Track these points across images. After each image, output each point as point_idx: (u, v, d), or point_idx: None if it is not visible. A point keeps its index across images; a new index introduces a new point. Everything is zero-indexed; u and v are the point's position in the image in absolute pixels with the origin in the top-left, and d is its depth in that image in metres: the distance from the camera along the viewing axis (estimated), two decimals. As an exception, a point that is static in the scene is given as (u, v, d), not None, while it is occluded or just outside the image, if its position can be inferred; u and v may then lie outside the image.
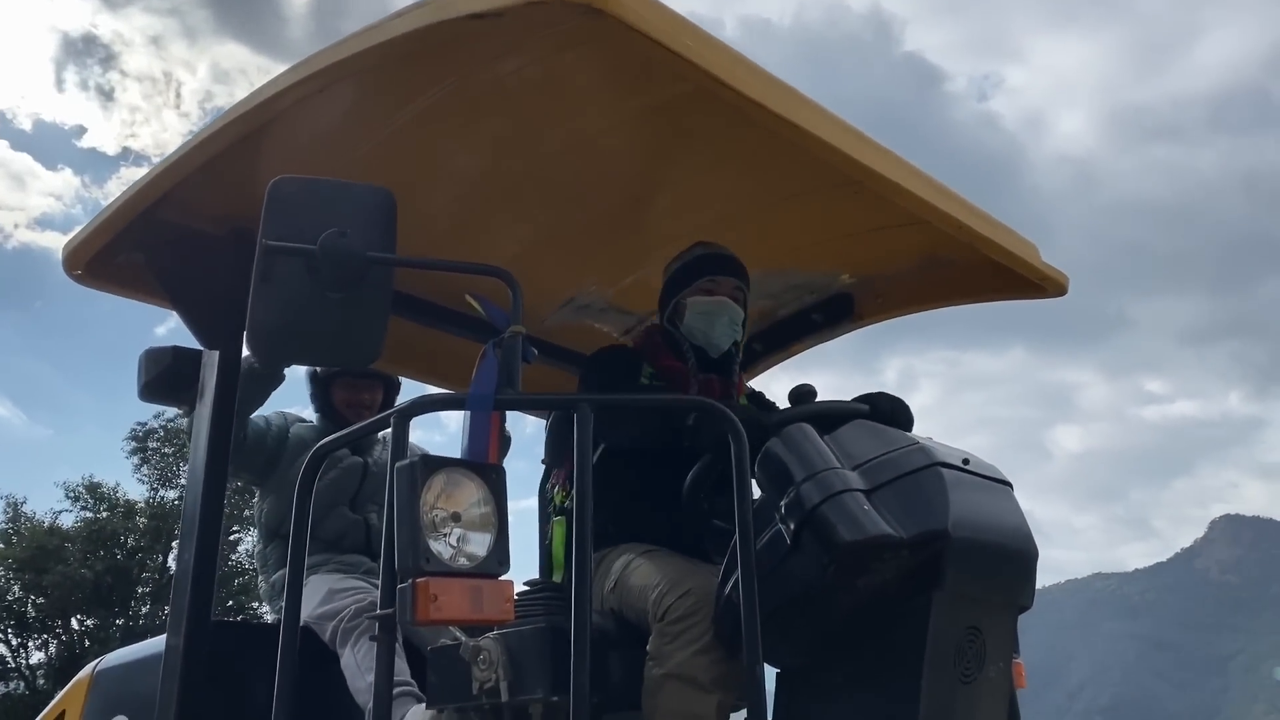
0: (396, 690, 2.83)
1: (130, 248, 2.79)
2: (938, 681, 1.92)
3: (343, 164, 2.74)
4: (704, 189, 3.13)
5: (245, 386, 2.98)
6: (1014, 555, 2.06)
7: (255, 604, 22.88)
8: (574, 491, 1.89)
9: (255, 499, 3.59)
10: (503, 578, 1.82)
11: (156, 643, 3.10)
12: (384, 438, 3.59)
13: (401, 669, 2.87)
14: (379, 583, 3.18)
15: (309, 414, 3.65)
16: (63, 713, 3.29)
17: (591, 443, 1.93)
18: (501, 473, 1.86)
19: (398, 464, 1.80)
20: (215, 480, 2.71)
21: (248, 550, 23.85)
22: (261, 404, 3.31)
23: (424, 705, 2.58)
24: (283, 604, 3.23)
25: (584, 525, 1.88)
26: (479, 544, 1.79)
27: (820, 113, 2.37)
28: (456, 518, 1.78)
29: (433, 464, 1.79)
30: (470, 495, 1.80)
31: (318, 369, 3.51)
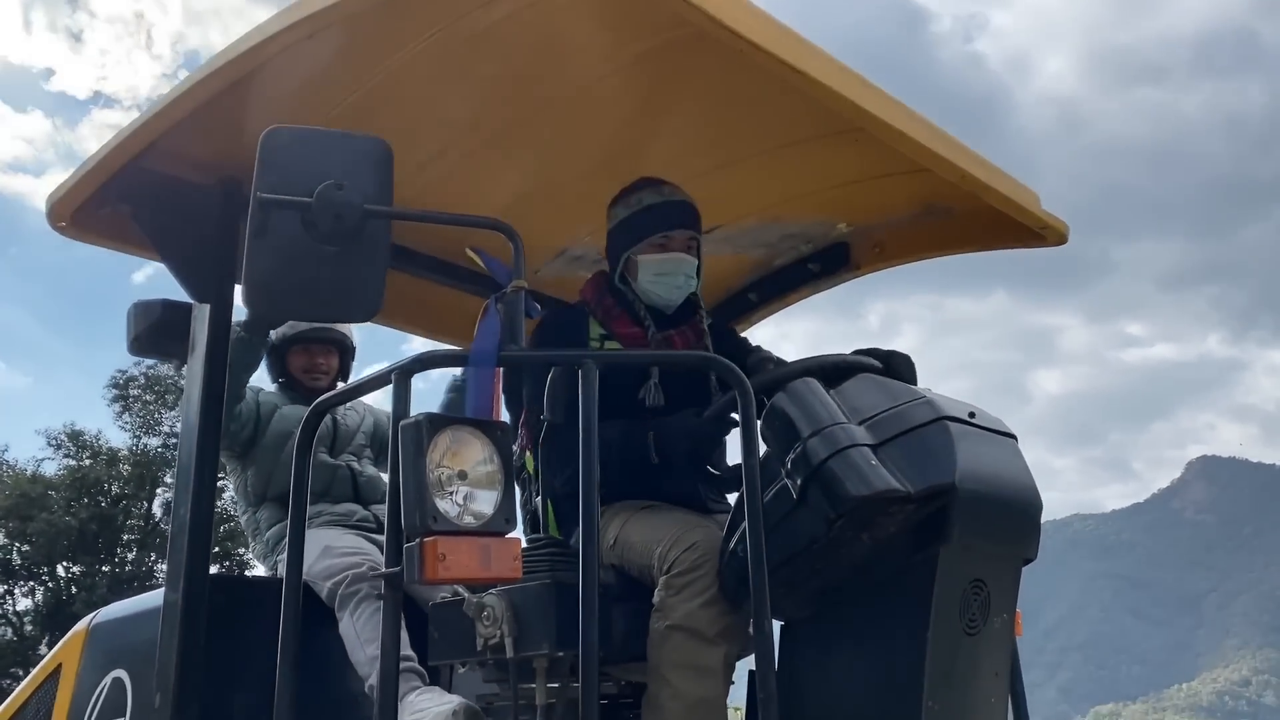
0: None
1: (116, 199, 2.72)
2: (943, 633, 1.93)
3: (332, 112, 2.69)
4: (700, 138, 3.08)
5: (237, 351, 2.95)
6: (1019, 508, 2.06)
7: (242, 550, 22.98)
8: (580, 450, 1.87)
9: (231, 471, 3.58)
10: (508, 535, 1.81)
11: (152, 597, 3.09)
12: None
13: (403, 640, 2.87)
14: (376, 538, 3.23)
15: (265, 384, 3.70)
16: (59, 666, 3.29)
17: (596, 398, 1.91)
18: (507, 430, 1.85)
19: (402, 422, 1.78)
20: (209, 434, 2.67)
21: (232, 497, 23.92)
22: (256, 368, 3.29)
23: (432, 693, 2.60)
24: (280, 560, 3.25)
25: (590, 484, 1.87)
26: (486, 502, 1.78)
27: (824, 58, 2.31)
28: (463, 476, 1.77)
29: (438, 422, 1.77)
30: (476, 453, 1.79)
31: (270, 339, 3.53)
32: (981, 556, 2.00)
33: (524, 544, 2.28)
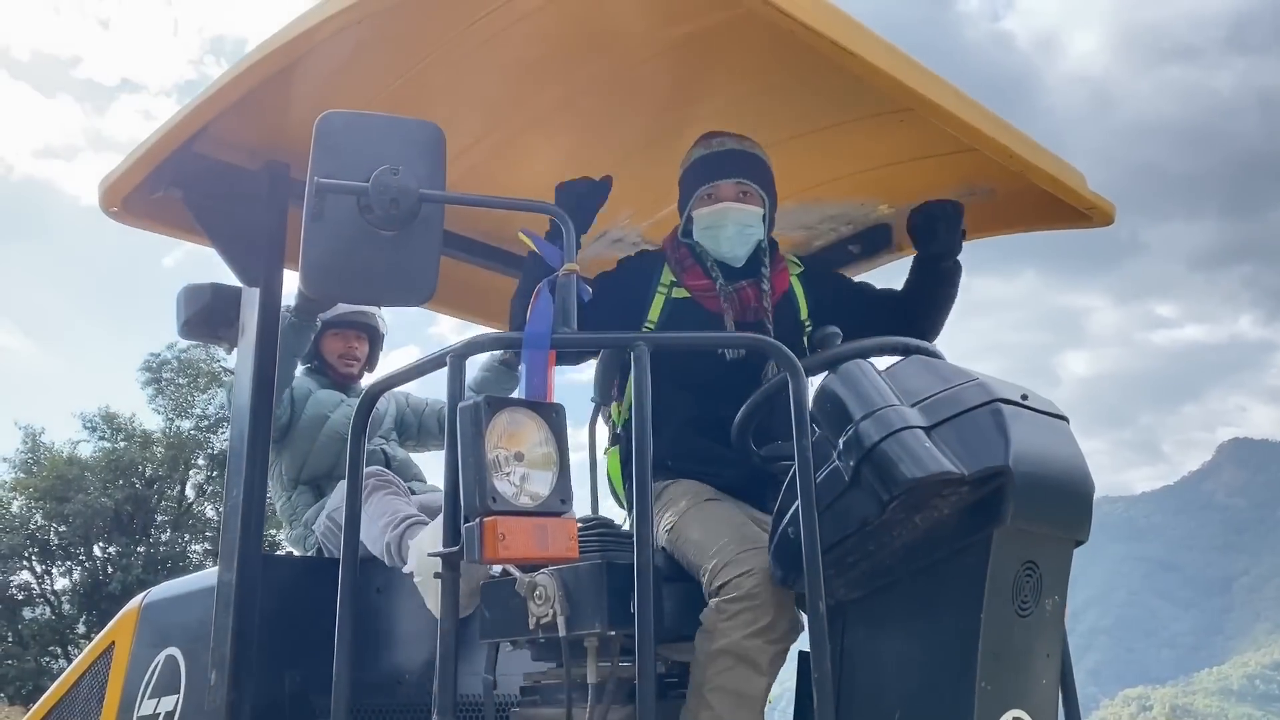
0: (408, 521, 2.96)
1: (167, 183, 2.76)
2: (996, 615, 1.93)
3: (377, 97, 2.70)
4: (740, 120, 3.07)
5: (286, 336, 2.99)
6: (1072, 490, 2.05)
7: (273, 531, 23.21)
8: (634, 433, 1.89)
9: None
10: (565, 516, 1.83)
11: (204, 576, 3.14)
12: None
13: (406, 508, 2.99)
14: (414, 497, 3.28)
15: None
16: (111, 645, 3.35)
17: (649, 380, 1.92)
18: (561, 411, 1.86)
19: (460, 405, 1.80)
20: (260, 417, 2.72)
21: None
22: (304, 352, 3.33)
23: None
24: (317, 541, 3.30)
25: (644, 463, 1.88)
26: (541, 483, 1.80)
27: (874, 39, 2.30)
28: (520, 457, 1.78)
29: (495, 404, 1.78)
30: (532, 435, 1.80)
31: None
32: (1034, 539, 1.99)
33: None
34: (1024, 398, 2.03)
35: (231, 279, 2.88)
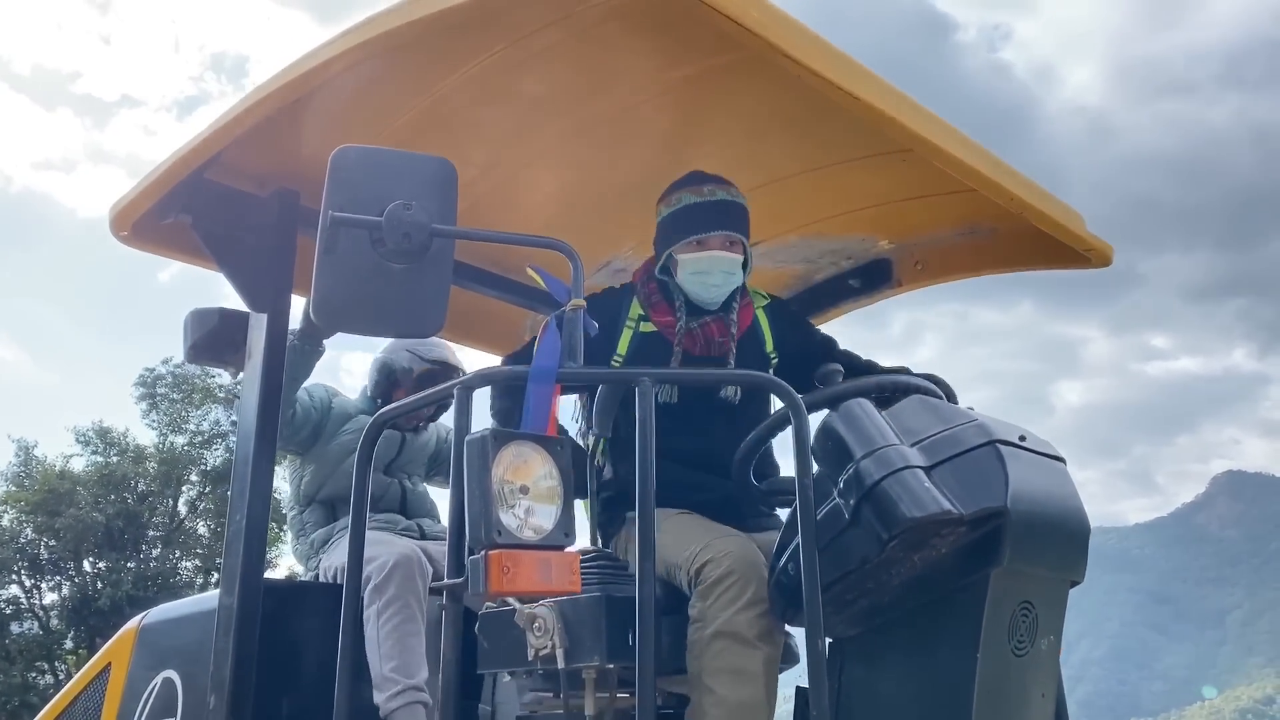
0: (408, 695, 2.89)
1: (178, 209, 2.79)
2: (992, 654, 1.95)
3: (385, 130, 2.75)
4: (743, 157, 3.11)
5: (292, 361, 3.00)
6: (1069, 531, 2.08)
7: (272, 553, 23.13)
8: (637, 466, 1.91)
9: (287, 465, 3.64)
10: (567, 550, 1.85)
11: (203, 599, 3.15)
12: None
13: (419, 666, 2.93)
14: (416, 538, 3.27)
15: (347, 392, 3.73)
16: (108, 666, 3.35)
17: (654, 416, 1.94)
18: (567, 445, 1.88)
19: (467, 437, 1.82)
20: (265, 441, 2.73)
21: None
22: (308, 376, 3.34)
23: None
24: (323, 563, 3.30)
25: (647, 497, 1.90)
26: (546, 516, 1.82)
27: (876, 81, 2.35)
28: (525, 490, 1.80)
29: (502, 437, 1.80)
30: (538, 467, 1.82)
31: (394, 367, 3.56)
32: (1030, 579, 2.02)
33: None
34: (1022, 439, 2.06)
35: (238, 303, 2.91)
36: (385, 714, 2.89)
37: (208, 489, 25.68)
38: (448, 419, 3.67)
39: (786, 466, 2.79)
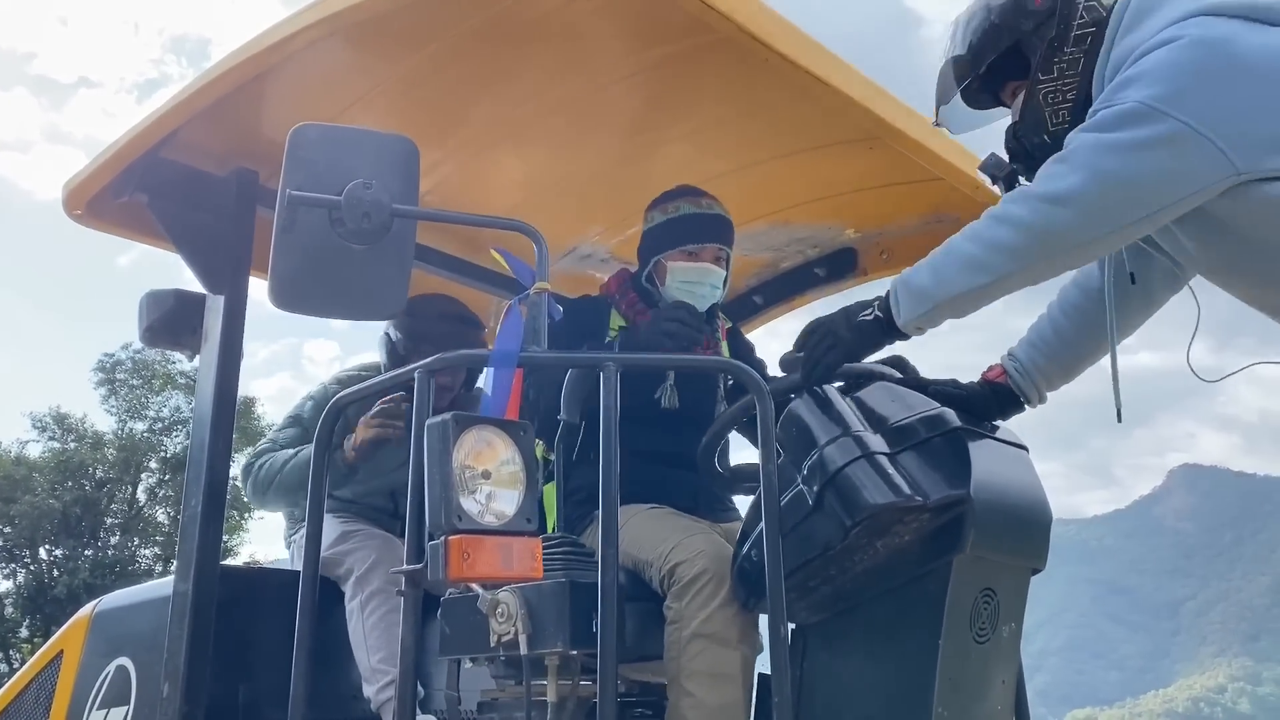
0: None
1: (133, 188, 2.73)
2: (954, 641, 1.95)
3: (349, 108, 2.70)
4: (712, 142, 3.10)
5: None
6: (1031, 519, 2.09)
7: (226, 537, 22.89)
8: (601, 451, 1.89)
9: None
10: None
11: (157, 586, 3.10)
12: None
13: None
14: (394, 528, 3.18)
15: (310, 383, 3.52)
16: (60, 652, 3.29)
17: (618, 400, 1.93)
18: (530, 430, 1.86)
19: (428, 422, 1.79)
20: (221, 426, 2.69)
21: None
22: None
23: None
24: (295, 545, 3.22)
25: (610, 485, 1.89)
26: (507, 501, 1.80)
27: (846, 68, 2.34)
28: (486, 475, 1.78)
29: (464, 421, 1.78)
30: (500, 452, 1.80)
31: (398, 344, 3.23)
32: (993, 566, 2.02)
33: (539, 543, 2.30)
34: (988, 426, 2.06)
35: (195, 285, 2.86)
36: (376, 706, 2.83)
37: (168, 476, 25.38)
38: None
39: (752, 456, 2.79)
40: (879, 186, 3.17)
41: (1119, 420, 2.07)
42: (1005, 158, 2.11)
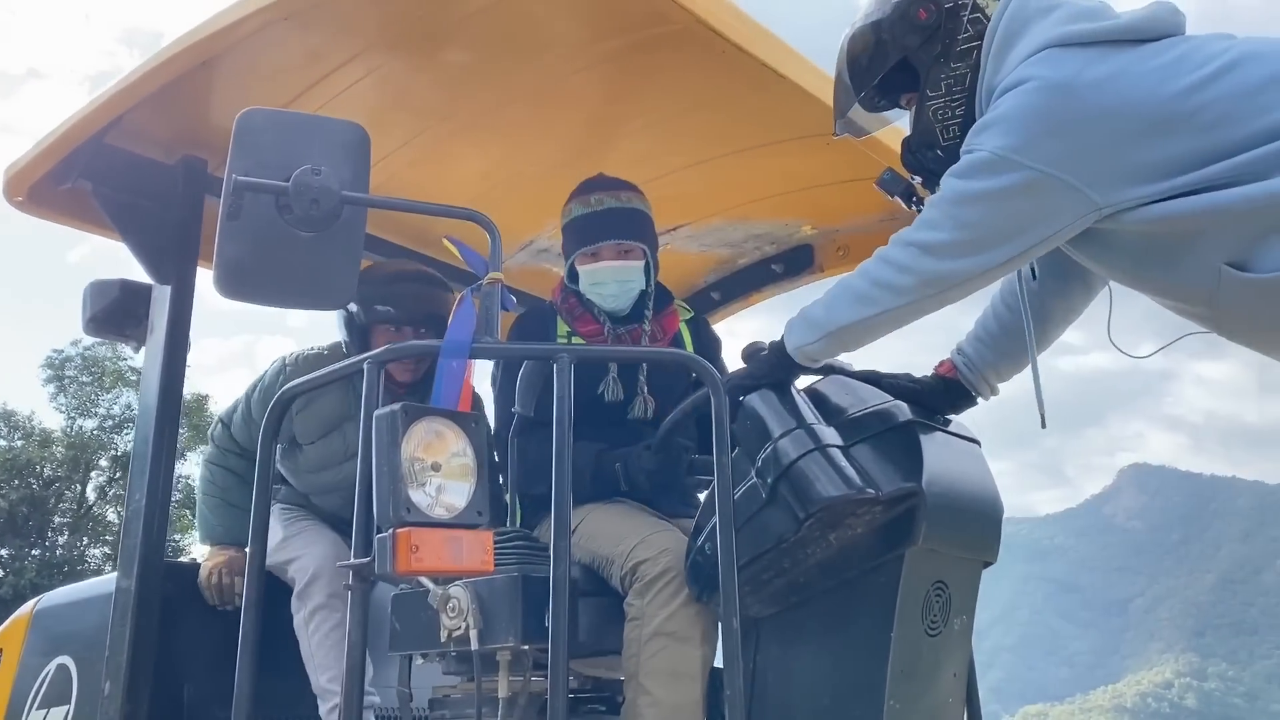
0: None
1: (76, 175, 2.66)
2: (906, 634, 1.95)
3: (300, 96, 2.65)
4: (670, 136, 3.09)
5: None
6: (982, 513, 2.10)
7: (177, 535, 22.58)
8: (554, 444, 1.87)
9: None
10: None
11: (99, 583, 3.03)
12: None
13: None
14: (347, 530, 3.08)
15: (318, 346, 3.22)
16: (-1, 652, 3.21)
17: (571, 391, 1.91)
18: (482, 421, 1.84)
19: (376, 413, 1.76)
20: (167, 420, 2.63)
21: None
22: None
23: None
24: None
25: (563, 479, 1.87)
26: (458, 494, 1.77)
27: (803, 62, 2.34)
28: (436, 467, 1.75)
29: (413, 413, 1.75)
30: (451, 444, 1.77)
31: (355, 315, 3.00)
32: (944, 559, 2.03)
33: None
34: (940, 420, 2.07)
35: (141, 275, 2.79)
36: None
37: (118, 475, 24.95)
38: None
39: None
40: (837, 183, 3.18)
41: (1043, 426, 2.11)
42: (902, 172, 2.17)
